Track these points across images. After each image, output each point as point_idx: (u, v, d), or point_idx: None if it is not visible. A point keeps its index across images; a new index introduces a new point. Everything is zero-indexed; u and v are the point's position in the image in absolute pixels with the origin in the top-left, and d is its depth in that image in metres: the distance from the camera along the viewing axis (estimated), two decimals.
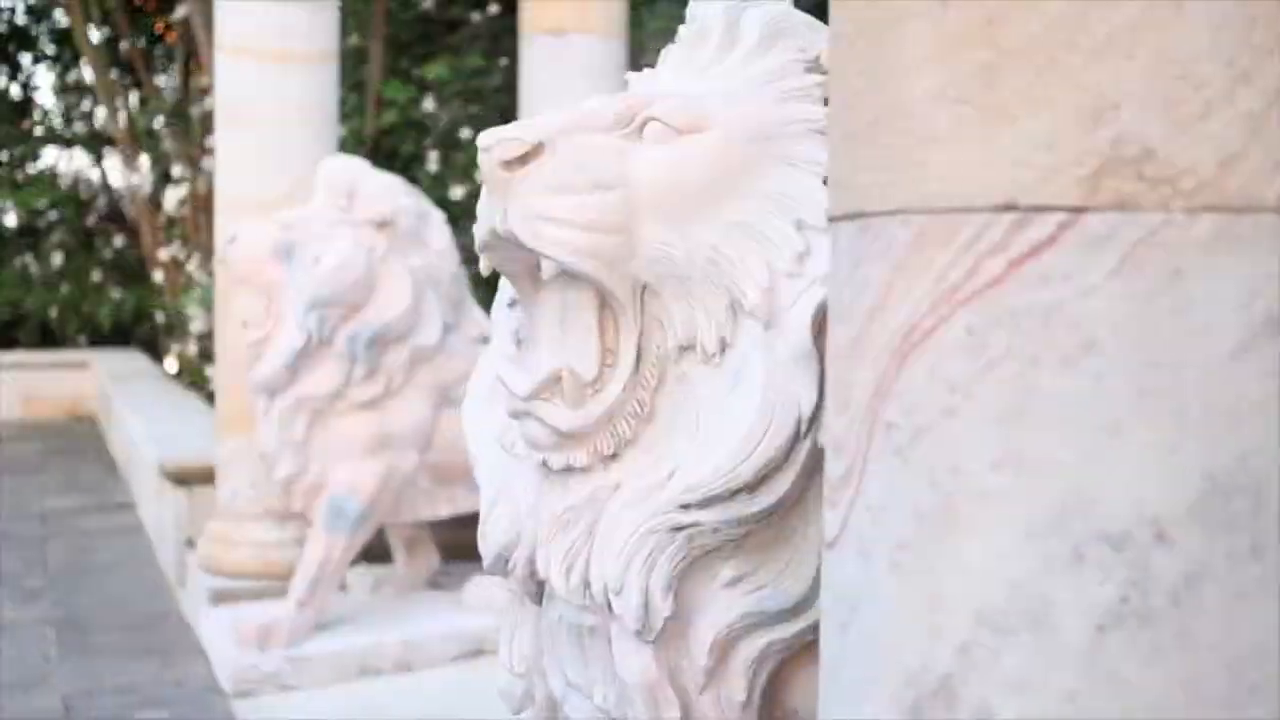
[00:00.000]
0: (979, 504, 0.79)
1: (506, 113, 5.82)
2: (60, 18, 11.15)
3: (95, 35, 9.03)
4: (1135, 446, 0.75)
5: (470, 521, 3.87)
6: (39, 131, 11.51)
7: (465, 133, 5.89)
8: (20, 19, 11.56)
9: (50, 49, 11.61)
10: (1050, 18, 0.76)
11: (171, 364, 8.80)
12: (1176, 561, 0.75)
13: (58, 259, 10.52)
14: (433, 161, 5.83)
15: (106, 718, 3.26)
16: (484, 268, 1.34)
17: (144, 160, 8.55)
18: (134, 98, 9.28)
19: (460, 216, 5.60)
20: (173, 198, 7.39)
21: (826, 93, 1.32)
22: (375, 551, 3.95)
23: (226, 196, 4.16)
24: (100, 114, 10.96)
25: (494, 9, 6.13)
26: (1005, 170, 0.78)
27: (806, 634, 1.28)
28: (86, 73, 11.22)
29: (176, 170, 7.48)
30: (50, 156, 11.56)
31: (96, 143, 11.04)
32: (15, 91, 11.62)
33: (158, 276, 8.28)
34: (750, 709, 1.29)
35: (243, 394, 3.88)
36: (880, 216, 0.85)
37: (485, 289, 5.04)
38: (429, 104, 5.96)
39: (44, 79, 14.76)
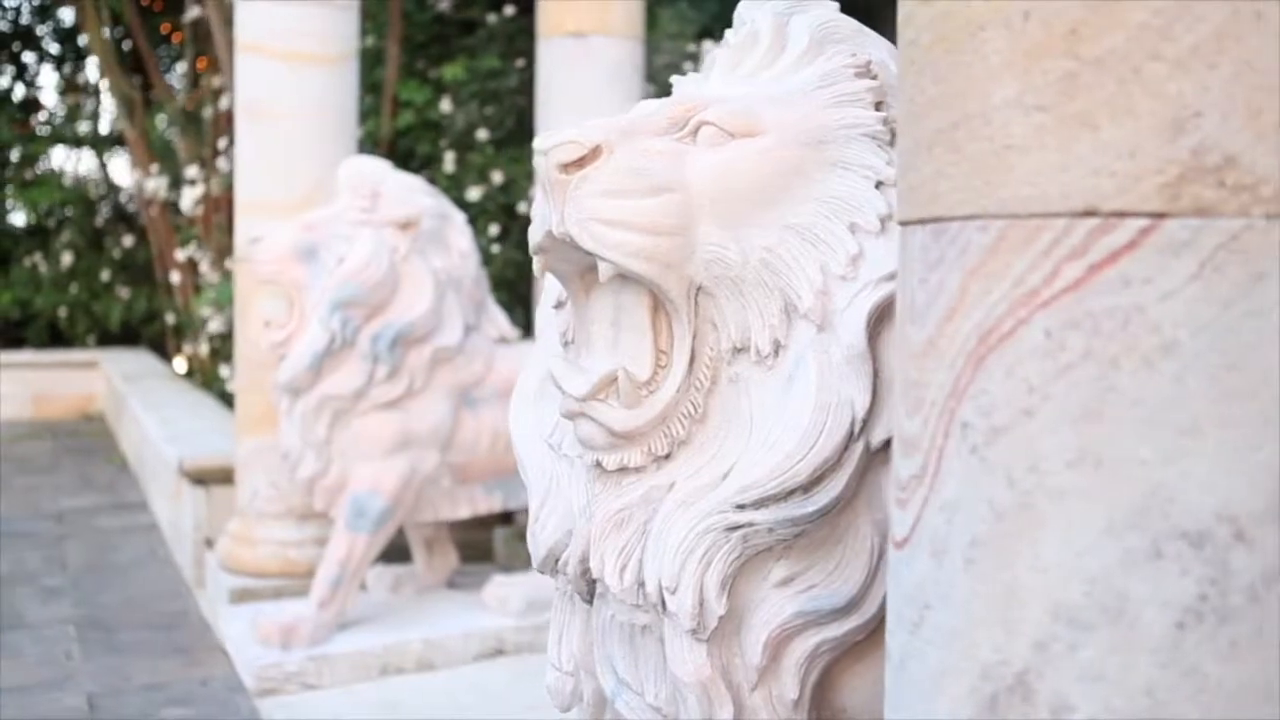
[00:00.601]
0: (1057, 501, 0.81)
1: (523, 115, 5.84)
2: (64, 17, 11.17)
3: (106, 36, 9.06)
4: (1214, 446, 0.77)
5: (488, 523, 3.90)
6: (45, 131, 11.54)
7: (481, 134, 5.91)
8: (25, 18, 11.59)
9: (55, 48, 11.63)
10: (1134, 29, 0.77)
11: (180, 364, 8.82)
12: (1255, 560, 0.77)
13: (67, 259, 10.55)
14: (449, 163, 5.85)
15: (132, 716, 3.27)
16: (537, 269, 1.36)
17: (155, 161, 8.57)
18: (145, 98, 9.29)
19: (477, 217, 5.62)
20: (189, 198, 7.41)
21: (877, 97, 1.34)
22: (393, 552, 3.97)
23: (246, 197, 4.16)
24: (107, 114, 11.00)
25: (510, 10, 6.15)
26: (1085, 177, 0.80)
27: (855, 634, 1.30)
28: (92, 73, 11.25)
29: (190, 172, 7.50)
30: (59, 156, 11.59)
31: (106, 143, 11.06)
32: (20, 91, 11.64)
33: (174, 277, 8.30)
34: (802, 707, 1.31)
35: (263, 394, 3.91)
36: (957, 221, 0.86)
37: (503, 290, 5.06)
38: (445, 105, 5.98)
39: (49, 79, 14.79)
